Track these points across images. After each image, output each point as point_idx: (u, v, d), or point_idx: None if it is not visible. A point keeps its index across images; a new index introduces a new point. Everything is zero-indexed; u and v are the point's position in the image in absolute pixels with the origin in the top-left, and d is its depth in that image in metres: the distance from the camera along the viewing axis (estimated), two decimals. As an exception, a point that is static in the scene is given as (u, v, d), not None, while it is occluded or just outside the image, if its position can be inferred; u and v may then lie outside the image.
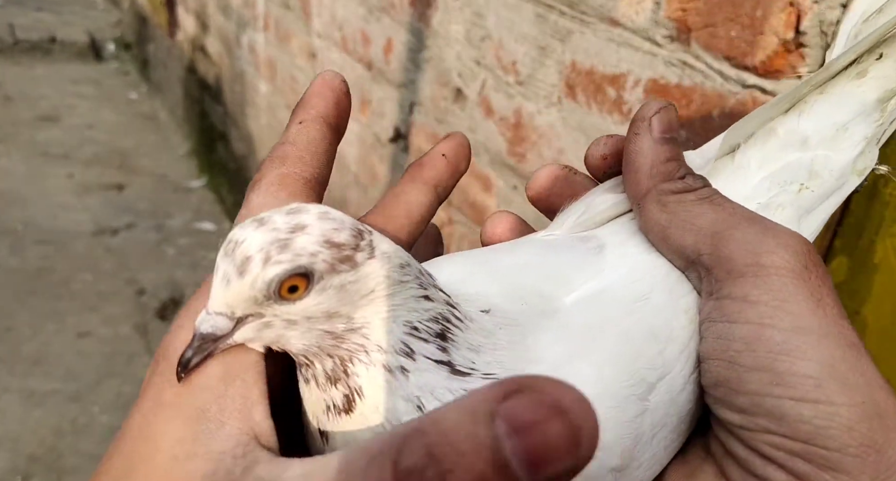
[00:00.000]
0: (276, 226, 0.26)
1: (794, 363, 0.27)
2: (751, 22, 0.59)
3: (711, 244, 0.30)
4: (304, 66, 1.68)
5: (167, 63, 3.29)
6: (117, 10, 4.57)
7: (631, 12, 0.72)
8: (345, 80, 0.34)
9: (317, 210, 0.27)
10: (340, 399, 0.27)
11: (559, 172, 0.38)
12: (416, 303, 0.28)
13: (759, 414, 0.27)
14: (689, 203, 0.32)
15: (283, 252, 0.26)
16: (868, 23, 0.36)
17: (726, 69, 0.63)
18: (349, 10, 1.41)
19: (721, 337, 0.29)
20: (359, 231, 0.28)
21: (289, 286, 0.26)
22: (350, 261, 0.27)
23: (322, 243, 0.26)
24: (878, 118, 0.35)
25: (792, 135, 0.35)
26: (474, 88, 1.03)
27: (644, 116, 0.33)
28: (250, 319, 0.27)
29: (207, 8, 2.48)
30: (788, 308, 0.28)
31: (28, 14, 4.32)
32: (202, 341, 0.26)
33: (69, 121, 3.29)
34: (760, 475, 0.28)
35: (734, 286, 0.29)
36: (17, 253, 2.31)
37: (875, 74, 0.35)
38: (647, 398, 0.29)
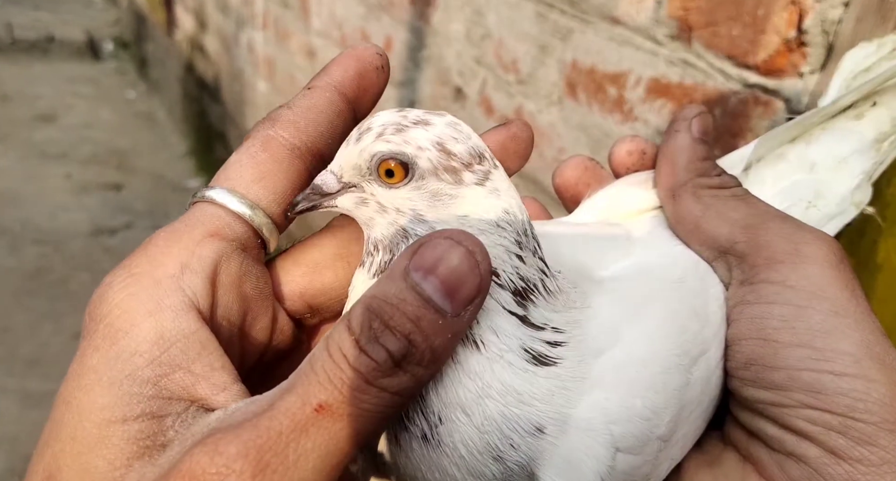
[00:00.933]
0: (407, 114, 0.28)
1: (834, 341, 0.28)
2: (752, 21, 0.59)
3: (747, 233, 0.31)
4: (304, 64, 1.68)
5: (165, 62, 3.28)
6: (115, 8, 4.57)
7: (632, 11, 0.72)
8: (382, 54, 0.31)
9: (451, 118, 0.28)
10: None
11: (587, 163, 0.40)
12: (506, 255, 0.28)
13: (796, 389, 0.28)
14: (723, 197, 0.33)
15: (396, 134, 0.27)
16: (857, 79, 0.42)
17: (728, 68, 0.62)
18: (348, 9, 1.40)
19: (757, 317, 0.30)
20: (480, 154, 0.28)
21: (386, 168, 0.27)
22: (455, 173, 0.27)
23: (434, 143, 0.27)
24: (873, 155, 0.39)
25: (801, 160, 0.39)
26: (474, 87, 1.02)
27: (686, 117, 0.36)
28: (353, 190, 0.29)
29: (206, 6, 2.48)
30: (826, 294, 0.29)
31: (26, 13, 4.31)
32: (311, 191, 0.29)
33: (67, 120, 3.28)
34: (793, 452, 0.28)
35: (772, 271, 0.30)
36: (15, 253, 2.30)
37: (871, 118, 0.40)
38: (690, 371, 0.30)
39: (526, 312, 0.27)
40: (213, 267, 0.27)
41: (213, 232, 0.28)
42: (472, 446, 0.26)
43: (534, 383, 0.27)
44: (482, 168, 0.28)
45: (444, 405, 0.26)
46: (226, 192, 0.28)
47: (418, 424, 0.27)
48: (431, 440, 0.27)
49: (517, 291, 0.27)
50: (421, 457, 0.27)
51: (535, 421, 0.26)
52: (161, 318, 0.25)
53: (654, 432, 0.28)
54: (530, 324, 0.27)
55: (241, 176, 0.29)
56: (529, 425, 0.26)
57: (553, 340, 0.27)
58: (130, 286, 0.25)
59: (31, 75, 3.69)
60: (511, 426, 0.26)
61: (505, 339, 0.27)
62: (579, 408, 0.27)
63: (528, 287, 0.28)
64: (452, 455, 0.27)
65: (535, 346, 0.27)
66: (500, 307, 0.27)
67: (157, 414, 0.23)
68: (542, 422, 0.26)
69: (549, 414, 0.27)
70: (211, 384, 0.25)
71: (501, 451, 0.26)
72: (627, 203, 0.37)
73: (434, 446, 0.27)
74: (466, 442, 0.26)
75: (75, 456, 0.23)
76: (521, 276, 0.27)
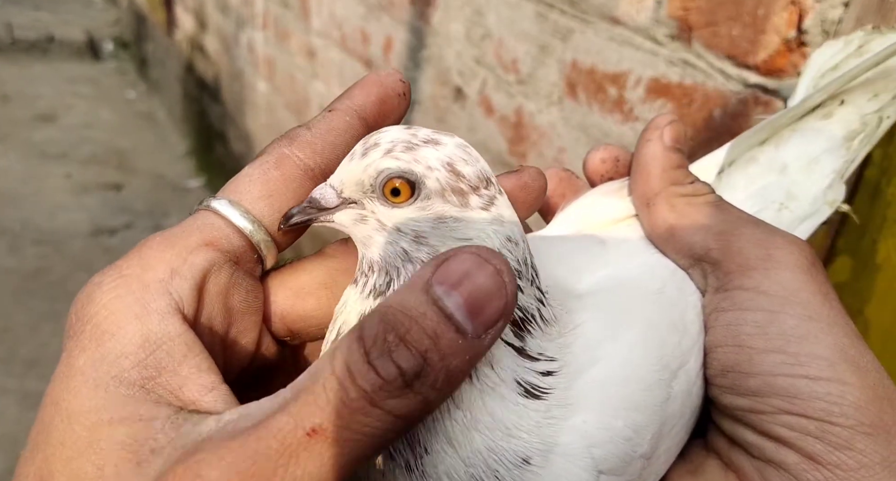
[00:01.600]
0: (417, 133, 0.27)
1: (808, 345, 0.28)
2: (752, 21, 0.59)
3: (720, 240, 0.31)
4: (303, 64, 1.68)
5: (165, 62, 3.28)
6: (115, 8, 4.57)
7: (632, 11, 0.71)
8: (405, 81, 0.31)
9: (460, 140, 0.28)
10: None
11: (562, 174, 0.40)
12: None
13: (772, 395, 0.28)
14: (697, 205, 0.33)
15: (406, 152, 0.26)
16: (824, 77, 0.42)
17: (728, 68, 0.62)
18: (348, 9, 1.40)
19: (731, 324, 0.30)
20: (487, 179, 0.27)
21: (392, 187, 0.26)
22: (462, 195, 0.27)
23: (444, 164, 0.26)
24: (844, 154, 0.39)
25: (772, 163, 0.39)
26: (474, 87, 1.02)
27: (658, 125, 0.36)
28: (353, 206, 0.28)
29: (206, 6, 2.48)
30: (799, 298, 0.29)
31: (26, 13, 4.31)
32: (309, 205, 0.28)
33: (67, 120, 3.28)
34: (772, 459, 0.28)
35: (745, 278, 0.30)
36: (15, 253, 2.30)
37: (840, 117, 0.40)
38: (670, 385, 0.29)
39: (523, 343, 0.27)
40: (203, 275, 0.27)
41: (209, 241, 0.27)
42: (457, 478, 0.26)
43: (523, 416, 0.26)
44: (488, 193, 0.27)
45: (430, 435, 0.26)
46: (229, 205, 0.28)
47: (402, 454, 0.26)
48: (415, 470, 0.26)
49: (515, 322, 0.27)
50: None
51: (522, 453, 0.26)
52: (147, 321, 0.25)
53: (636, 451, 0.28)
54: (526, 356, 0.27)
55: (250, 190, 0.28)
56: (516, 457, 0.26)
57: (546, 370, 0.27)
58: (119, 287, 0.25)
59: (31, 75, 3.69)
60: (497, 459, 0.26)
61: (500, 372, 0.26)
62: (562, 435, 0.26)
63: (525, 317, 0.27)
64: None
65: (528, 378, 0.26)
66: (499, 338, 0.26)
67: (146, 417, 0.23)
68: (529, 454, 0.26)
69: (536, 445, 0.26)
70: (198, 385, 0.24)
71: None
72: (601, 213, 0.37)
73: (417, 476, 0.26)
74: (451, 474, 0.26)
75: (66, 462, 0.23)
76: (520, 306, 0.27)
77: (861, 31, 0.43)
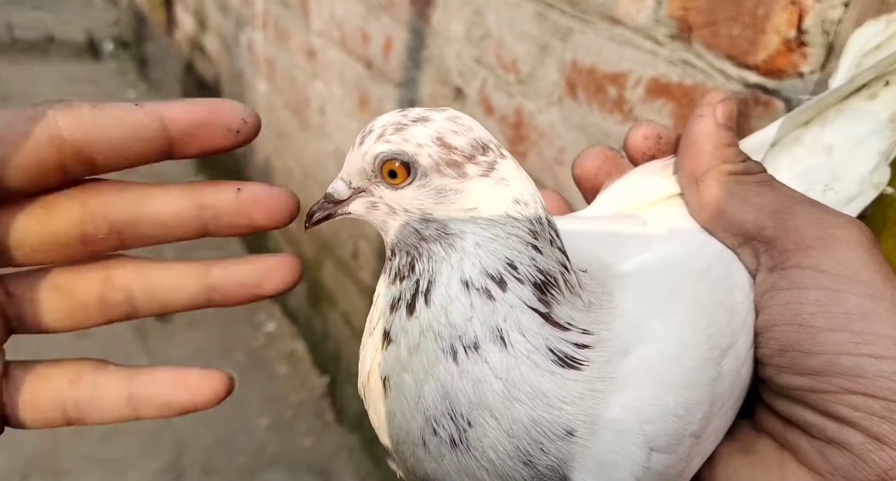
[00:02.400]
0: (408, 113, 0.27)
1: (872, 324, 0.27)
2: (752, 20, 0.59)
3: (775, 219, 0.31)
4: (303, 64, 1.68)
5: (165, 62, 3.28)
6: (115, 8, 4.57)
7: (632, 11, 0.71)
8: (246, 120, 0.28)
9: (452, 113, 0.28)
10: (408, 299, 0.27)
11: (608, 153, 0.39)
12: (522, 246, 0.27)
13: (835, 374, 0.27)
14: (749, 183, 0.33)
15: (396, 134, 0.27)
16: (867, 57, 0.41)
17: (728, 68, 0.62)
18: (348, 9, 1.40)
19: (790, 302, 0.29)
20: (484, 145, 0.27)
21: (389, 169, 0.27)
22: (458, 167, 0.27)
23: (434, 139, 0.27)
24: (889, 135, 0.39)
25: (817, 144, 0.39)
26: (474, 87, 1.02)
27: (710, 102, 0.35)
28: (363, 194, 0.29)
29: (206, 6, 2.48)
30: (861, 277, 0.28)
31: (26, 13, 4.31)
32: (325, 200, 0.29)
33: (67, 120, 3.27)
34: (834, 439, 0.27)
35: (804, 256, 0.30)
36: (15, 252, 2.30)
37: (885, 98, 0.39)
38: (720, 364, 0.29)
39: (549, 310, 0.27)
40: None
41: None
42: (502, 451, 0.26)
43: (562, 386, 0.26)
44: (486, 159, 0.27)
45: (472, 407, 0.26)
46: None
47: (446, 428, 0.26)
48: (460, 444, 0.26)
49: (537, 285, 0.27)
50: (450, 463, 0.27)
51: (566, 424, 0.26)
52: None
53: (686, 429, 0.28)
54: (554, 324, 0.27)
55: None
56: (559, 429, 0.26)
57: (580, 342, 0.27)
58: None
59: (31, 75, 3.69)
60: (540, 430, 0.26)
61: (531, 338, 0.26)
62: (610, 409, 0.26)
63: (548, 280, 0.27)
64: (482, 460, 0.26)
65: (561, 347, 0.26)
66: (523, 303, 0.26)
67: None
68: (573, 426, 0.26)
69: (580, 417, 0.26)
70: None
71: (532, 456, 0.26)
72: (644, 192, 0.37)
73: (463, 451, 0.26)
74: (496, 447, 0.26)
75: None
76: (540, 269, 0.27)
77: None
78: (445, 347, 0.26)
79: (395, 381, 0.28)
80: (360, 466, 1.60)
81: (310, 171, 1.72)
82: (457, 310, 0.26)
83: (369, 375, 0.30)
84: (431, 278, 0.27)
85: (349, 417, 1.68)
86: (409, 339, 0.27)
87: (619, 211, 0.37)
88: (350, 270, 1.60)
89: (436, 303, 0.27)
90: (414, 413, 0.27)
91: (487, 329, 0.26)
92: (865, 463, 0.26)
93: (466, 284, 0.26)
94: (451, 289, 0.26)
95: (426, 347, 0.27)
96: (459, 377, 0.26)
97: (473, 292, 0.26)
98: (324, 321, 1.79)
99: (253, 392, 1.75)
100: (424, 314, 0.27)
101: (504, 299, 0.26)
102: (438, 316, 0.26)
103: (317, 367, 1.87)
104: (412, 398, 0.27)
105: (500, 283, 0.26)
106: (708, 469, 0.31)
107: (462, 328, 0.26)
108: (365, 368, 0.30)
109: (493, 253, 0.26)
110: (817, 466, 0.28)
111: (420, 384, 0.27)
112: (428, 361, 0.27)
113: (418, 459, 0.28)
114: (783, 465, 0.29)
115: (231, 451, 1.61)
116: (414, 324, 0.27)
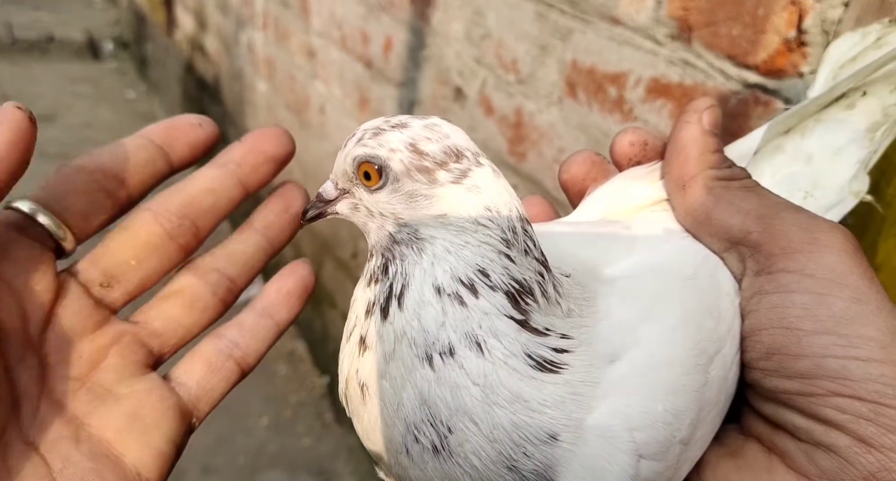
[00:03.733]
0: (391, 119, 0.28)
1: (858, 327, 0.27)
2: (752, 20, 0.59)
3: (762, 223, 0.31)
4: (304, 64, 1.68)
5: (165, 62, 3.28)
6: (115, 8, 4.57)
7: (632, 11, 0.71)
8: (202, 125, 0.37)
9: (433, 120, 0.29)
10: (381, 303, 0.28)
11: (594, 158, 0.40)
12: (494, 254, 0.27)
13: (822, 377, 0.27)
14: (734, 189, 0.33)
15: (373, 138, 0.28)
16: (844, 68, 0.42)
17: (728, 68, 0.62)
18: (348, 9, 1.40)
19: (777, 306, 0.30)
20: (457, 153, 0.28)
21: (364, 171, 0.28)
22: (428, 173, 0.27)
23: (407, 145, 0.27)
24: (867, 145, 0.40)
25: (798, 152, 0.40)
26: (474, 87, 1.02)
27: (697, 108, 0.36)
28: (347, 196, 0.30)
29: (206, 6, 2.48)
30: (846, 281, 0.29)
31: (26, 13, 4.31)
32: (317, 199, 0.31)
33: (67, 120, 3.28)
34: (822, 442, 0.27)
35: (790, 260, 0.30)
36: (15, 252, 2.30)
37: (862, 108, 0.40)
38: (708, 370, 0.29)
39: (525, 317, 0.27)
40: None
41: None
42: (485, 456, 0.26)
43: (541, 390, 0.26)
44: (459, 166, 0.27)
45: (451, 413, 0.26)
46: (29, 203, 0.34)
47: (427, 435, 0.26)
48: (442, 451, 0.26)
49: (510, 293, 0.26)
50: (434, 470, 0.27)
51: (548, 428, 0.26)
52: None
53: (675, 436, 0.28)
54: (531, 330, 0.27)
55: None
56: (542, 433, 0.26)
57: (559, 347, 0.27)
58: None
59: (30, 75, 3.69)
60: (522, 434, 0.26)
61: (508, 343, 0.26)
62: (597, 414, 0.26)
63: (522, 289, 0.27)
64: (464, 465, 0.26)
65: (539, 352, 0.26)
66: (497, 310, 0.26)
67: None
68: (555, 430, 0.26)
69: (562, 420, 0.26)
70: None
71: (515, 460, 0.26)
72: (628, 198, 0.37)
73: (446, 457, 0.26)
74: (478, 452, 0.26)
75: None
76: (514, 277, 0.27)
77: (878, 23, 0.43)
78: (420, 354, 0.26)
79: (374, 389, 0.28)
80: (359, 466, 1.60)
81: (310, 171, 1.72)
82: (429, 314, 0.26)
83: (347, 382, 0.30)
84: (405, 282, 0.27)
85: (349, 417, 1.68)
86: (384, 346, 0.27)
87: (605, 216, 0.37)
88: (350, 270, 1.60)
89: (409, 307, 0.27)
90: (395, 420, 0.27)
91: (462, 334, 0.26)
92: (853, 466, 0.26)
93: (438, 290, 0.27)
94: (424, 294, 0.27)
95: (402, 354, 0.27)
96: (437, 383, 0.26)
97: (445, 297, 0.26)
98: (323, 321, 1.79)
99: (253, 392, 1.75)
100: (398, 318, 0.27)
101: (476, 306, 0.26)
102: (411, 320, 0.27)
103: (317, 367, 1.87)
104: (392, 405, 0.27)
105: (471, 290, 0.26)
106: (696, 474, 0.31)
107: (434, 334, 0.26)
108: (343, 375, 0.30)
109: (463, 259, 0.27)
110: (805, 469, 0.28)
111: (398, 391, 0.27)
112: (405, 368, 0.27)
113: (403, 467, 0.28)
114: (771, 469, 0.29)
115: (231, 451, 1.61)
116: (388, 329, 0.27)
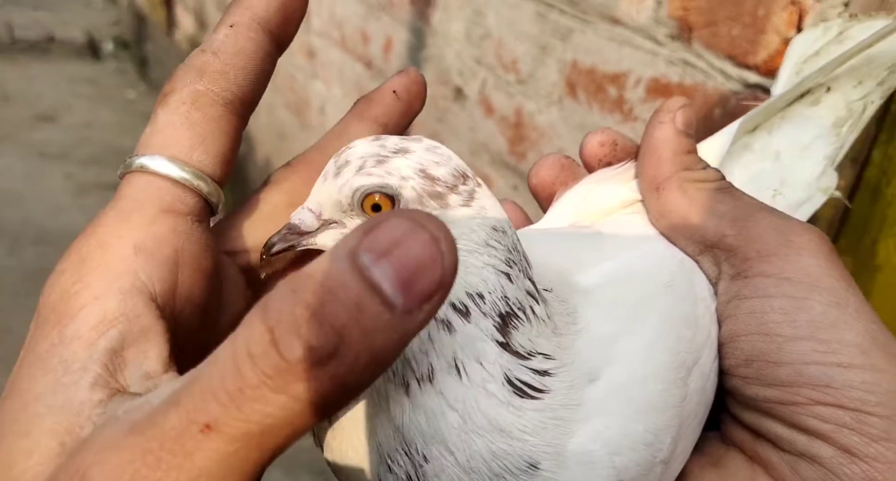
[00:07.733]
0: (385, 144, 0.27)
1: (838, 332, 0.27)
2: (752, 21, 0.59)
3: (736, 226, 0.31)
4: (303, 64, 1.68)
5: (166, 62, 3.28)
6: (115, 8, 4.56)
7: (632, 11, 0.71)
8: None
9: (428, 142, 0.27)
10: None
11: (564, 161, 0.39)
12: (494, 276, 0.26)
13: (804, 385, 0.27)
14: (709, 191, 0.32)
15: (377, 166, 0.26)
16: (807, 63, 0.41)
17: (728, 68, 0.62)
18: (348, 9, 1.40)
19: (755, 311, 0.29)
20: (463, 174, 0.27)
21: (372, 203, 0.26)
22: (441, 199, 0.26)
23: (417, 171, 0.26)
24: (833, 140, 0.39)
25: (766, 150, 0.39)
26: (474, 87, 1.02)
27: (670, 109, 0.35)
28: (334, 226, 0.27)
29: (206, 6, 2.48)
30: (823, 284, 0.28)
31: (26, 13, 4.31)
32: (288, 231, 0.27)
33: (67, 120, 3.28)
34: (805, 452, 0.27)
35: (766, 264, 0.29)
36: (15, 253, 2.30)
37: (827, 104, 0.40)
38: (687, 383, 0.28)
39: (507, 339, 0.25)
40: (172, 248, 0.25)
41: (166, 207, 0.26)
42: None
43: (521, 416, 0.25)
44: (466, 188, 0.27)
45: (426, 441, 0.25)
46: (168, 162, 0.26)
47: (402, 465, 0.25)
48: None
49: (501, 315, 0.25)
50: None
51: (528, 457, 0.25)
52: (106, 302, 0.23)
53: (656, 457, 0.27)
54: (513, 352, 0.25)
55: (179, 141, 0.26)
56: (521, 462, 0.24)
57: (541, 369, 0.26)
58: (81, 271, 0.24)
59: (30, 75, 3.69)
60: (501, 464, 0.24)
61: (488, 367, 0.25)
62: (577, 439, 0.25)
63: (512, 311, 0.26)
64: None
65: (520, 376, 0.25)
66: (482, 333, 0.25)
67: (76, 402, 0.21)
68: (536, 458, 0.25)
69: (543, 448, 0.25)
70: (140, 372, 0.22)
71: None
72: (597, 201, 0.36)
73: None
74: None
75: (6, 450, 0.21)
76: (507, 299, 0.26)
77: (839, 18, 0.44)
78: (398, 381, 0.25)
79: (346, 417, 0.27)
80: (359, 466, 1.59)
81: (310, 171, 1.72)
82: (413, 343, 0.25)
83: None
84: None
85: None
86: None
87: (575, 220, 0.36)
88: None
89: None
90: (367, 449, 0.26)
91: (444, 360, 0.25)
92: (837, 477, 0.26)
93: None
94: None
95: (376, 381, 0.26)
96: (412, 410, 0.25)
97: (432, 324, 0.25)
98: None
99: (253, 392, 1.75)
100: None
101: (463, 330, 0.25)
102: None
103: (317, 367, 1.86)
104: (363, 434, 0.26)
105: (464, 314, 0.25)
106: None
107: (417, 360, 0.25)
108: None
109: (463, 283, 0.26)
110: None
111: (370, 418, 0.26)
112: (378, 395, 0.26)
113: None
114: (754, 480, 0.29)
115: (231, 451, 1.61)
116: None
